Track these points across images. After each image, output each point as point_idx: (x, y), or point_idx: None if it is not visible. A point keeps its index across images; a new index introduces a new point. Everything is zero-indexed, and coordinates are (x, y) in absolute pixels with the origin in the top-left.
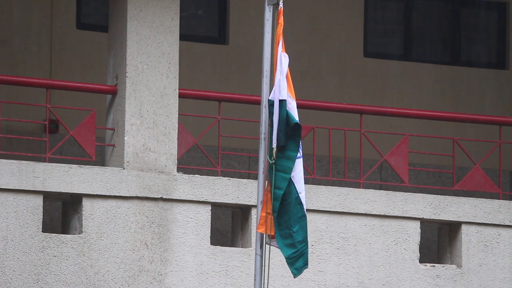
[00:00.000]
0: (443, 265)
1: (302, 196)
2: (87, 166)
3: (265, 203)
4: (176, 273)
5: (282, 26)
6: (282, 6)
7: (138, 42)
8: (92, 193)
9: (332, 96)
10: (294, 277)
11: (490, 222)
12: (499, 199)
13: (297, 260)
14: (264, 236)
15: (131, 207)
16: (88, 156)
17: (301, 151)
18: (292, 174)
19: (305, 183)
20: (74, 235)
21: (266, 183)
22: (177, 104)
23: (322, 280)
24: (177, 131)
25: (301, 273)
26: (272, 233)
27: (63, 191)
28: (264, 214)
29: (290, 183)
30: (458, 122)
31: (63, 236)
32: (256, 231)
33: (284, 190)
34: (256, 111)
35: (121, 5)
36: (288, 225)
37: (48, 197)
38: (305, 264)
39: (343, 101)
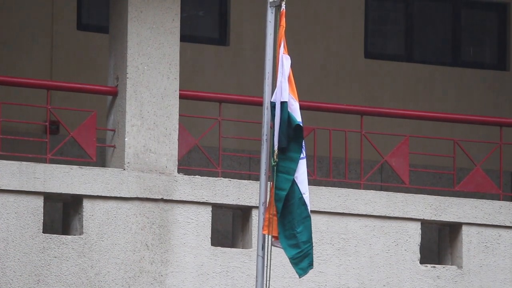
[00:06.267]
0: (443, 266)
1: (306, 197)
2: (87, 167)
3: (269, 204)
4: (177, 274)
5: (284, 28)
6: (284, 8)
7: (138, 43)
8: (92, 194)
9: (333, 97)
10: (300, 277)
11: (490, 223)
12: (500, 200)
13: (302, 261)
14: (268, 238)
15: (132, 208)
16: (88, 157)
17: (304, 152)
18: (295, 175)
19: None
20: (74, 236)
21: (270, 185)
22: (178, 105)
23: (322, 281)
24: (177, 132)
25: (306, 273)
26: (276, 234)
27: (63, 192)
28: (268, 215)
29: (294, 184)
30: (458, 123)
31: (63, 237)
32: (262, 233)
33: (287, 191)
34: (257, 112)
35: (121, 6)
36: (292, 225)
37: (49, 198)
38: (310, 265)
39: (343, 102)
